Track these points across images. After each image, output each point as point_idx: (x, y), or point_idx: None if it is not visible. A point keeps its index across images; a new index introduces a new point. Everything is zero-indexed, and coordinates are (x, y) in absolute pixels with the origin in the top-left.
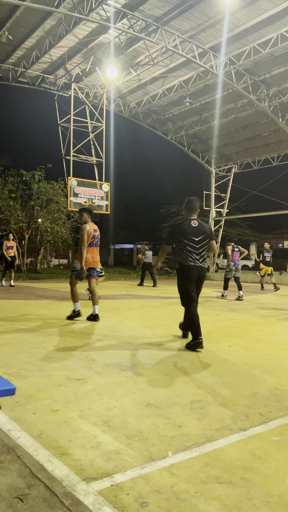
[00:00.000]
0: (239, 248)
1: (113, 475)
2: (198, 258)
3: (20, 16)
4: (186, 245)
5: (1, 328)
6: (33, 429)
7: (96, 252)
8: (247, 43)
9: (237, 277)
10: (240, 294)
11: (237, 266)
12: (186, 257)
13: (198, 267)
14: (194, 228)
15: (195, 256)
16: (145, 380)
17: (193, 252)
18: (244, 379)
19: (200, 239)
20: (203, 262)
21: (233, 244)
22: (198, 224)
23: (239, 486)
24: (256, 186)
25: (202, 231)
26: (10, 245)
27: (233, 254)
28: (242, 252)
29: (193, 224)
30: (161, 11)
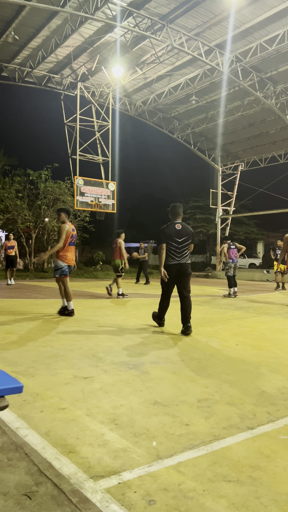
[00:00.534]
0: (236, 244)
1: (121, 473)
2: (179, 256)
3: (26, 16)
4: (170, 245)
5: (9, 327)
6: (40, 427)
7: (74, 251)
8: (253, 40)
9: (234, 275)
10: (234, 290)
11: (236, 264)
12: (169, 256)
13: (178, 264)
14: (178, 231)
15: (177, 255)
16: (152, 379)
17: (175, 252)
18: (251, 378)
19: (183, 240)
20: (184, 260)
21: (229, 242)
22: (181, 227)
23: (247, 485)
24: (263, 184)
25: (185, 233)
26: (10, 245)
27: (229, 251)
28: (239, 249)
29: (177, 227)
30: (167, 9)
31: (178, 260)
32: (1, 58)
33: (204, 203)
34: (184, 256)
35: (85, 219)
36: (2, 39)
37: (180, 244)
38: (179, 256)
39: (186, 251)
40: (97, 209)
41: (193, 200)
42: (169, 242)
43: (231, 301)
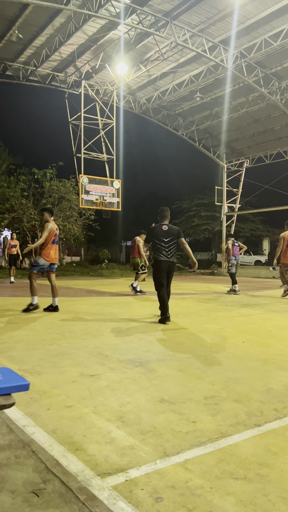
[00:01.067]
0: (239, 243)
1: (128, 470)
2: (167, 254)
3: (29, 15)
4: (157, 244)
5: (15, 326)
6: (47, 424)
7: (57, 249)
8: (258, 36)
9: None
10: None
11: (238, 261)
12: (159, 254)
13: (167, 261)
14: (164, 231)
15: (165, 253)
16: (159, 376)
17: (163, 250)
18: (258, 375)
19: (169, 240)
20: (171, 257)
21: (233, 239)
22: (168, 228)
23: (254, 482)
24: (269, 181)
25: (171, 233)
26: (13, 244)
27: (233, 248)
28: (241, 247)
29: (164, 228)
30: (170, 6)
31: (167, 258)
32: (5, 57)
33: (209, 200)
34: (172, 254)
35: (90, 217)
36: (6, 38)
37: (167, 244)
38: (167, 254)
39: (173, 249)
40: (102, 207)
41: (198, 197)
42: (157, 242)
43: (237, 298)
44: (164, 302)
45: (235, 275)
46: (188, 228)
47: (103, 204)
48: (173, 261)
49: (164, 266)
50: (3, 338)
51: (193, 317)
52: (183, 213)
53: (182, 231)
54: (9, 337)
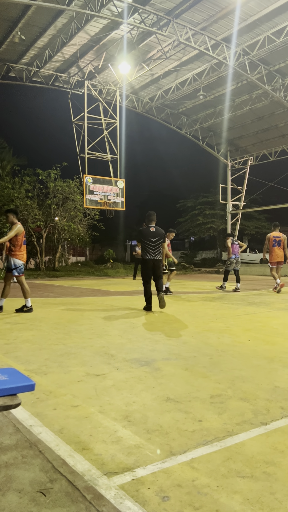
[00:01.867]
0: (238, 242)
1: (134, 469)
2: (153, 252)
3: (32, 16)
4: (146, 244)
5: (21, 326)
6: (54, 424)
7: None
8: (260, 33)
9: (236, 270)
10: (237, 286)
11: (237, 259)
12: (146, 253)
13: (153, 259)
14: (152, 232)
15: (152, 252)
16: (164, 375)
17: (150, 249)
18: (264, 373)
19: (156, 240)
20: (157, 255)
21: (232, 238)
22: (155, 230)
23: (261, 480)
24: (273, 178)
25: (158, 234)
26: None
27: (232, 247)
28: (241, 246)
29: (151, 229)
30: (173, 4)
31: (153, 256)
32: (8, 58)
33: (213, 199)
34: (157, 253)
35: (95, 217)
36: (8, 40)
37: (154, 243)
38: (154, 252)
39: (159, 248)
40: (106, 207)
41: (202, 195)
42: (146, 241)
43: (242, 297)
44: (147, 294)
45: (238, 273)
46: (192, 227)
47: (107, 204)
48: (158, 258)
49: (150, 264)
50: (9, 339)
51: (199, 316)
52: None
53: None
54: (15, 337)
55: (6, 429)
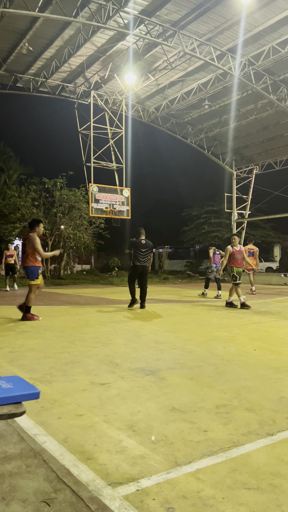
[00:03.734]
0: (220, 251)
1: (139, 480)
2: (142, 260)
3: (39, 27)
4: (137, 253)
5: (26, 334)
6: (58, 433)
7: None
8: (265, 43)
9: (217, 278)
10: (219, 293)
11: (218, 268)
12: (137, 260)
13: (142, 266)
14: (142, 244)
15: (141, 259)
16: (169, 385)
17: (140, 257)
18: (270, 383)
19: (145, 250)
20: (145, 263)
21: (214, 248)
22: (145, 242)
23: (267, 492)
24: (279, 187)
25: (147, 246)
26: (9, 254)
27: (214, 256)
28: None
29: (142, 242)
30: (178, 16)
31: (142, 263)
32: (16, 69)
33: (218, 207)
34: (146, 261)
35: (100, 225)
36: (16, 51)
37: (144, 253)
38: (143, 260)
39: (147, 257)
40: (112, 215)
41: (207, 204)
42: (138, 251)
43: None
44: (132, 292)
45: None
46: (198, 235)
47: (112, 213)
48: (146, 265)
49: (139, 269)
50: (14, 347)
51: (204, 325)
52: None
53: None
54: (20, 345)
55: (10, 438)
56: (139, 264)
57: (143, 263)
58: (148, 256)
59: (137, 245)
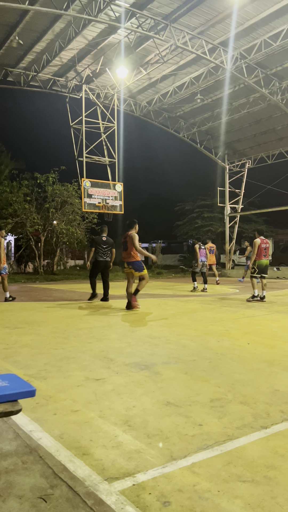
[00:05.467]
0: (205, 247)
1: (135, 474)
2: (104, 255)
3: (29, 21)
4: (98, 249)
5: (20, 330)
6: (54, 429)
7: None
8: (257, 37)
9: (203, 272)
10: (205, 286)
11: (204, 262)
12: (99, 255)
13: (103, 261)
14: (103, 240)
15: (102, 255)
16: (164, 379)
17: (101, 253)
18: (264, 376)
19: (106, 246)
20: (106, 258)
21: (199, 243)
22: (106, 239)
23: (262, 485)
24: (271, 181)
25: (107, 242)
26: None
27: (200, 251)
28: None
29: (103, 238)
30: (170, 9)
31: (103, 258)
32: (6, 63)
33: (211, 202)
34: (107, 256)
35: (93, 220)
36: (6, 44)
37: (104, 249)
38: (103, 255)
39: (108, 253)
40: (104, 210)
41: (200, 199)
42: (99, 247)
43: (241, 300)
44: (93, 285)
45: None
46: (191, 230)
47: (105, 208)
48: (107, 260)
49: (101, 264)
50: (8, 343)
51: (198, 319)
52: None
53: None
54: (14, 341)
55: (6, 435)
56: (101, 260)
57: (105, 258)
58: (109, 252)
59: (98, 242)
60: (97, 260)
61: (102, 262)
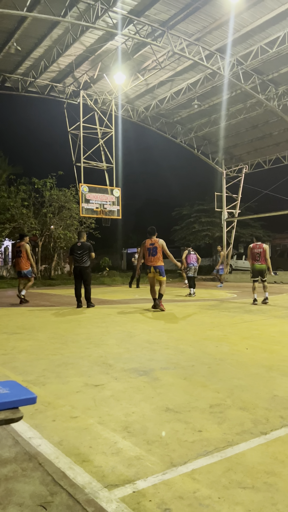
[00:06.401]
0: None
1: (135, 481)
2: (79, 261)
3: (28, 27)
4: (74, 256)
5: (18, 336)
6: (53, 436)
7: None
8: (254, 43)
9: (194, 277)
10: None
11: (195, 267)
12: (75, 261)
13: (79, 267)
14: (78, 246)
15: (79, 260)
16: (163, 385)
17: (77, 259)
18: (263, 382)
19: (81, 252)
20: (83, 264)
21: (189, 249)
22: (81, 244)
23: (263, 491)
24: (268, 186)
25: (82, 247)
26: None
27: (188, 257)
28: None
29: (78, 244)
30: (167, 15)
31: (80, 264)
32: (4, 69)
33: (209, 207)
34: (83, 262)
35: (90, 225)
36: (4, 51)
37: (79, 255)
38: (80, 261)
39: (85, 258)
40: (102, 215)
41: (198, 203)
42: (73, 254)
43: (239, 304)
44: (75, 294)
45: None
46: (188, 234)
47: (103, 213)
48: (84, 266)
49: (77, 270)
50: (6, 349)
51: (196, 324)
52: (183, 219)
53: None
54: (12, 347)
55: (5, 442)
56: (76, 265)
57: (80, 264)
58: (85, 257)
59: (73, 249)
60: (74, 266)
61: (77, 268)
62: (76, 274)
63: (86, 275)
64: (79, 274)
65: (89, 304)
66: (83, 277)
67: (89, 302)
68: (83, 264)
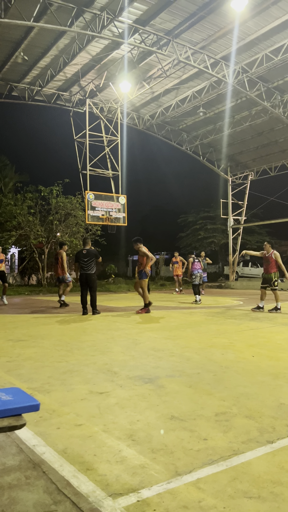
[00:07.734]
0: (199, 259)
1: (139, 490)
2: (86, 268)
3: (34, 37)
4: (80, 263)
5: (23, 343)
6: (57, 444)
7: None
8: (259, 51)
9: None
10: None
11: (201, 274)
12: (81, 268)
13: (85, 274)
14: (84, 254)
15: (85, 267)
16: (168, 393)
17: (83, 266)
18: (269, 390)
19: (87, 259)
20: (89, 271)
21: (193, 256)
22: (86, 252)
23: (269, 501)
24: (274, 193)
25: (88, 255)
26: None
27: (193, 264)
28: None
29: (84, 252)
30: (172, 24)
31: (85, 271)
32: (11, 78)
33: (214, 214)
34: (89, 269)
35: (96, 233)
36: (11, 60)
37: (85, 262)
38: (86, 269)
39: (91, 265)
40: (108, 222)
41: (203, 210)
42: (79, 261)
43: (245, 312)
44: (81, 301)
45: (199, 287)
46: (194, 241)
47: (109, 220)
48: (90, 273)
49: (83, 277)
50: (11, 356)
51: (202, 332)
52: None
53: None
54: (17, 354)
55: (9, 449)
56: (83, 272)
57: (86, 271)
58: (91, 264)
59: (79, 256)
60: (80, 274)
61: (83, 275)
62: (82, 281)
63: (92, 282)
64: (85, 281)
65: (94, 311)
66: (89, 284)
67: (94, 309)
68: (89, 271)
